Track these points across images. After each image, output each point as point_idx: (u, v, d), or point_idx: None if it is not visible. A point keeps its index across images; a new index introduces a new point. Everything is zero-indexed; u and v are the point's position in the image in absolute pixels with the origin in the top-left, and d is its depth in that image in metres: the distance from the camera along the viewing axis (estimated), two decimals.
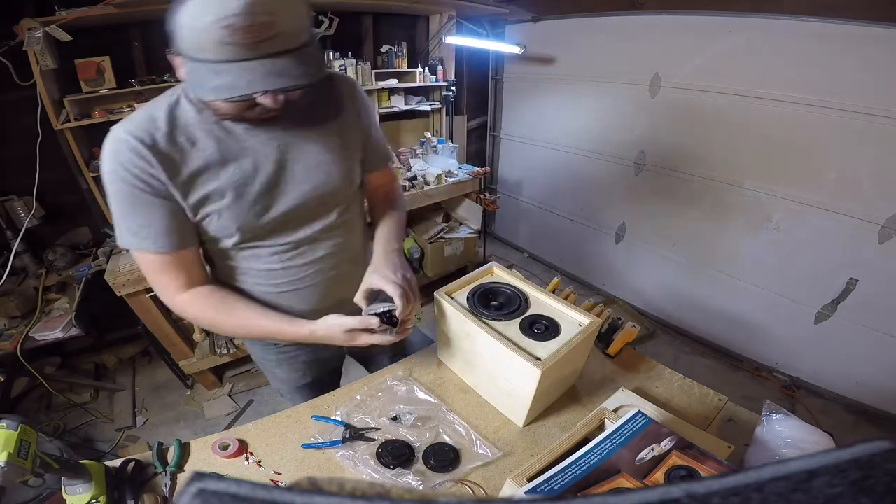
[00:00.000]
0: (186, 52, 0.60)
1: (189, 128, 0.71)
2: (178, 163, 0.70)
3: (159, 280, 0.78)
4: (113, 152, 0.70)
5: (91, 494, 0.73)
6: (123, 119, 0.72)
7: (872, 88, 1.67)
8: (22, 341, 1.63)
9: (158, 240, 0.72)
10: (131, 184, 0.69)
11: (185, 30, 0.57)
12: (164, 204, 0.71)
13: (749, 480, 0.14)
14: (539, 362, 0.76)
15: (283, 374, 1.07)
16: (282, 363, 1.05)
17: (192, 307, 0.80)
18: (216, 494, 0.13)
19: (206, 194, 0.73)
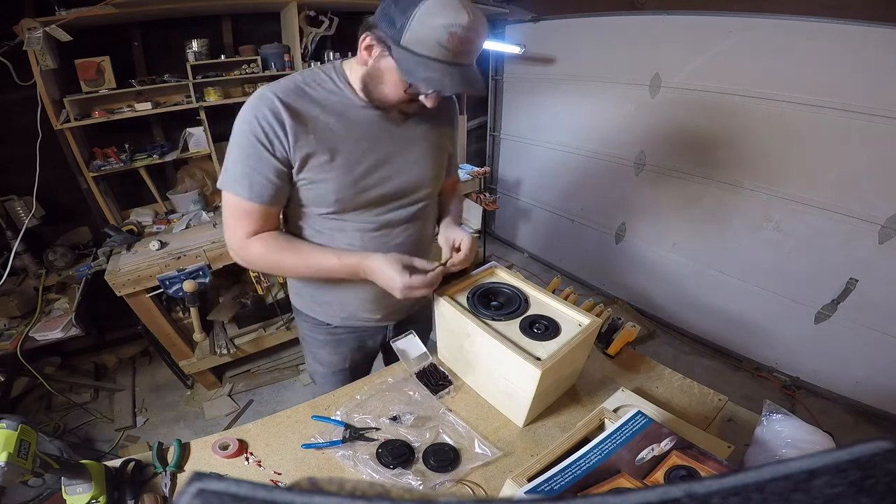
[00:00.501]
0: (405, 42, 0.70)
1: (325, 103, 0.82)
2: (306, 132, 0.80)
3: (237, 223, 0.85)
4: (254, 106, 0.79)
5: (91, 494, 0.73)
6: (276, 80, 0.82)
7: (872, 88, 1.67)
8: (22, 341, 1.63)
9: (256, 191, 0.81)
10: (257, 137, 0.78)
11: (416, 23, 0.68)
12: (275, 164, 0.80)
13: (749, 480, 0.14)
14: (539, 362, 0.76)
15: (326, 356, 1.12)
16: (327, 345, 1.10)
17: (258, 247, 0.85)
18: (216, 494, 0.13)
19: (321, 164, 0.82)
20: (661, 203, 2.51)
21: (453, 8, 0.67)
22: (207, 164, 2.26)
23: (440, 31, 0.67)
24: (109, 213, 2.06)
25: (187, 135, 2.10)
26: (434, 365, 1.04)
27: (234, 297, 2.29)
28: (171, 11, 1.88)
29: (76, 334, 1.72)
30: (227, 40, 2.18)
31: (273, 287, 2.21)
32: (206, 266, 1.87)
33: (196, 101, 2.01)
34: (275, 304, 2.23)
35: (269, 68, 2.16)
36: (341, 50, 2.40)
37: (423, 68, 0.70)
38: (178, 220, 2.13)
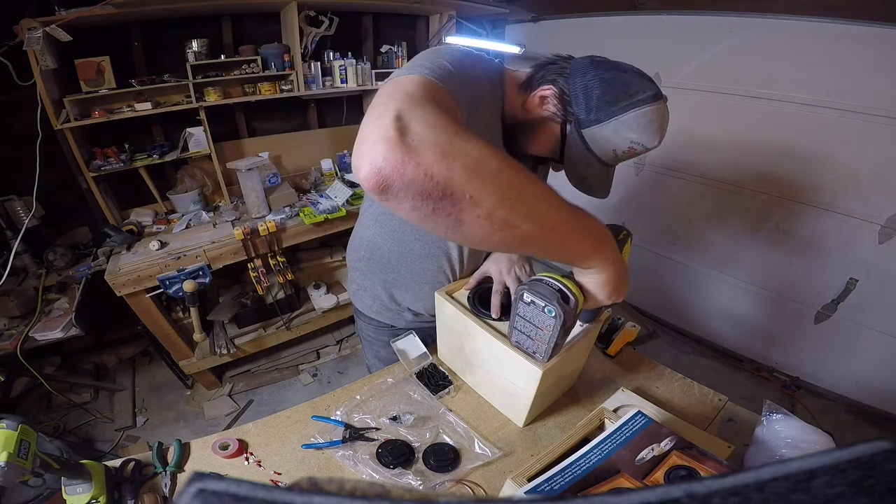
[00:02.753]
0: (586, 131, 0.66)
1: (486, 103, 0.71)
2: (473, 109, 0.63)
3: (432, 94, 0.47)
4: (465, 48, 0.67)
5: (91, 494, 0.73)
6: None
7: (872, 88, 1.67)
8: (22, 341, 1.63)
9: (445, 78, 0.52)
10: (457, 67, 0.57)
11: (611, 126, 0.64)
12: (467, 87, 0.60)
13: (749, 480, 0.14)
14: (539, 362, 0.76)
15: (388, 354, 1.10)
16: (389, 345, 1.07)
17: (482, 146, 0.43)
18: (216, 494, 0.13)
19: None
20: (661, 203, 2.51)
21: (654, 129, 0.65)
22: (207, 164, 2.26)
23: (625, 143, 0.64)
24: (109, 213, 2.06)
25: (187, 135, 2.10)
26: (434, 365, 1.04)
27: (234, 297, 2.29)
28: (171, 11, 1.88)
29: (76, 334, 1.72)
30: (227, 40, 2.18)
31: (273, 287, 2.21)
32: (206, 266, 1.87)
33: (196, 101, 2.01)
34: (275, 304, 2.23)
35: (269, 68, 2.16)
36: (341, 50, 2.40)
37: (583, 164, 0.68)
38: (178, 220, 2.13)
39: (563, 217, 0.48)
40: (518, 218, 0.42)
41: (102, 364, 2.31)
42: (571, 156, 0.69)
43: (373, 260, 1.02)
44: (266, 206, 2.16)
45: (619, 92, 0.64)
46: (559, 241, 0.49)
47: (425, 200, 0.39)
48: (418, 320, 1.09)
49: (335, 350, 2.51)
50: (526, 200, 0.43)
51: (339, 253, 2.56)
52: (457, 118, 0.47)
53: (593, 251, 0.53)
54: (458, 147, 0.40)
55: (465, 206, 0.39)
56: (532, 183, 0.45)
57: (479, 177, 0.39)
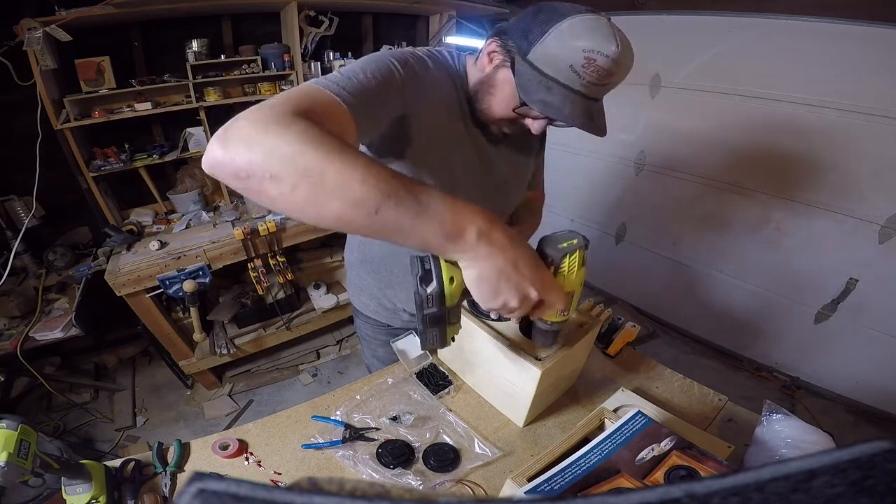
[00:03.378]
0: (533, 56, 0.62)
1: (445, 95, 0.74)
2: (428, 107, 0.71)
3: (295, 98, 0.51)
4: (412, 49, 0.71)
5: (91, 494, 0.73)
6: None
7: (872, 88, 1.67)
8: (22, 341, 1.63)
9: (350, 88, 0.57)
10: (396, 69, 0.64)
11: (551, 38, 0.60)
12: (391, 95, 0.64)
13: (749, 480, 0.14)
14: (539, 362, 0.76)
15: (386, 353, 1.11)
16: (387, 345, 1.07)
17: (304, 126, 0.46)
18: (216, 494, 0.13)
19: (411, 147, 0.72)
20: (661, 203, 2.51)
21: (603, 34, 0.60)
22: None
23: (577, 53, 0.59)
24: (109, 213, 2.06)
25: (187, 135, 2.10)
26: (434, 365, 1.04)
27: (234, 297, 2.29)
28: (171, 11, 1.88)
29: (76, 334, 1.72)
30: (227, 40, 2.18)
31: (273, 287, 2.21)
32: (206, 266, 1.87)
33: (196, 101, 2.02)
34: (275, 304, 2.23)
35: (269, 68, 2.17)
36: (341, 50, 2.40)
37: (543, 89, 0.63)
38: (178, 220, 2.13)
39: (385, 197, 0.44)
40: (322, 195, 0.44)
41: (102, 364, 2.31)
42: (525, 84, 0.64)
43: (366, 260, 1.02)
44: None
45: (549, 13, 0.62)
46: (388, 226, 0.45)
47: (238, 180, 0.46)
48: (415, 320, 1.08)
49: (335, 350, 2.51)
50: (330, 178, 0.44)
51: (338, 253, 2.56)
52: (305, 116, 0.48)
53: (446, 239, 0.47)
54: (265, 135, 0.45)
55: (268, 184, 0.44)
56: (344, 161, 0.44)
57: (276, 158, 0.44)
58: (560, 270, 0.57)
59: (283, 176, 0.44)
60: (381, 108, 0.62)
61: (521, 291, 0.51)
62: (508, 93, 0.69)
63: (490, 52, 0.70)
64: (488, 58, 0.70)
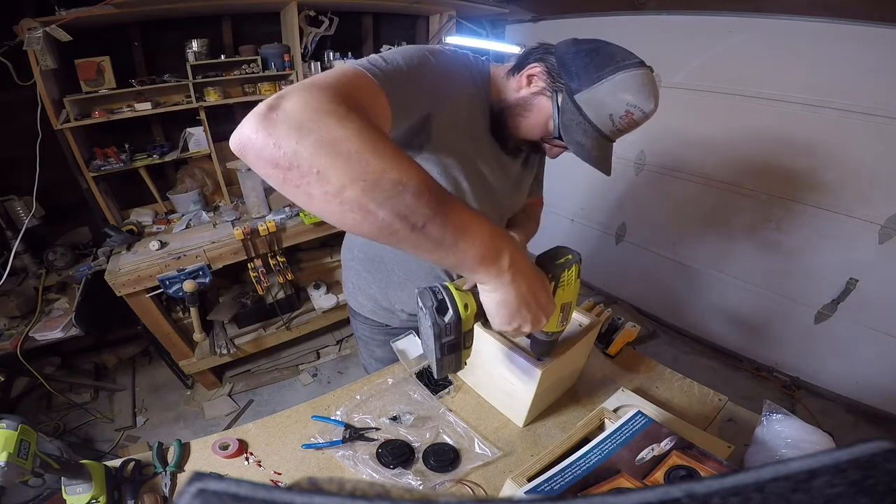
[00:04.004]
0: (579, 98, 0.65)
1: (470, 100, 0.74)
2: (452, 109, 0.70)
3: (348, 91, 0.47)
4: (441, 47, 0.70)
5: (91, 494, 0.73)
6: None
7: (872, 88, 1.67)
8: (22, 341, 1.63)
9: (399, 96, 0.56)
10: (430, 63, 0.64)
11: (604, 87, 0.64)
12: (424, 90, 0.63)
13: (749, 480, 0.14)
14: (539, 362, 0.76)
15: (383, 353, 1.12)
16: (385, 344, 1.08)
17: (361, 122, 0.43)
18: (216, 494, 0.13)
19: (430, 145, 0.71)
20: (661, 203, 2.51)
21: (648, 91, 0.65)
22: (207, 163, 2.26)
23: (621, 105, 0.64)
24: (109, 213, 2.06)
25: (187, 135, 2.10)
26: None
27: (234, 297, 2.29)
28: (171, 11, 1.88)
29: (76, 334, 1.72)
30: (227, 40, 2.18)
31: (273, 287, 2.21)
32: (206, 266, 1.87)
33: (196, 101, 2.02)
34: (275, 304, 2.23)
35: (269, 68, 2.17)
36: (341, 50, 2.40)
37: (580, 131, 0.66)
38: (178, 220, 2.13)
39: (434, 213, 0.42)
40: (372, 203, 0.41)
41: (102, 364, 2.31)
42: (567, 123, 0.68)
43: (367, 259, 1.02)
44: (266, 205, 2.16)
45: (605, 58, 0.65)
46: (429, 241, 0.44)
47: (276, 169, 0.41)
48: (413, 320, 1.08)
49: (335, 350, 2.51)
50: (385, 186, 0.40)
51: (339, 253, 2.54)
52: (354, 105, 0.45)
53: (480, 262, 0.47)
54: (319, 125, 0.40)
55: (312, 179, 0.40)
56: (401, 171, 0.41)
57: (330, 154, 0.40)
58: (560, 284, 0.60)
59: (331, 175, 0.40)
60: (415, 101, 0.61)
61: (536, 317, 0.53)
62: (542, 120, 0.72)
63: (530, 75, 0.71)
64: (527, 80, 0.71)
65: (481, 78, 0.76)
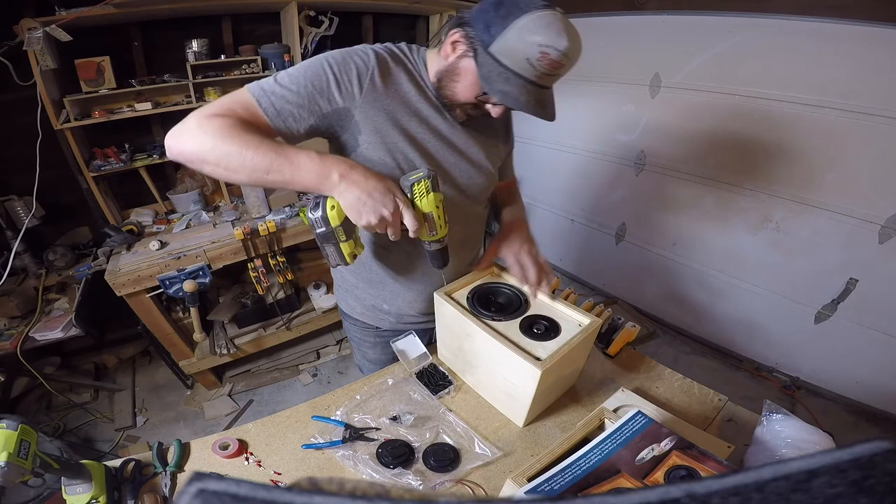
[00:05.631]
0: (494, 49, 0.69)
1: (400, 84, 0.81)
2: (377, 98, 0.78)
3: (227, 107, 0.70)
4: (351, 50, 0.78)
5: (91, 494, 0.73)
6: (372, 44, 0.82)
7: (872, 88, 1.67)
8: (22, 341, 1.64)
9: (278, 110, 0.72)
10: (334, 74, 0.74)
11: (511, 33, 0.67)
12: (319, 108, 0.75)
13: (749, 480, 0.14)
14: (539, 362, 0.76)
15: (376, 355, 1.15)
16: (377, 345, 1.13)
17: (223, 121, 0.68)
18: (216, 494, 0.13)
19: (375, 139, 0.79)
20: (661, 203, 2.51)
21: (556, 30, 0.67)
22: None
23: (533, 47, 0.66)
24: (109, 213, 2.06)
25: None
26: (434, 365, 1.04)
27: (234, 297, 2.29)
28: (171, 11, 1.88)
29: (76, 334, 1.72)
30: (227, 40, 2.18)
31: (273, 287, 2.21)
32: (206, 266, 1.87)
33: (196, 101, 2.01)
34: (275, 304, 2.23)
35: (269, 68, 2.17)
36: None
37: (502, 80, 0.70)
38: (178, 220, 2.13)
39: (269, 161, 0.66)
40: (232, 169, 0.67)
41: (102, 364, 2.31)
42: (486, 75, 0.71)
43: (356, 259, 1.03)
44: (266, 205, 2.16)
45: (509, 7, 0.68)
46: (277, 179, 0.68)
47: (187, 162, 0.69)
48: (401, 322, 1.08)
49: (335, 350, 2.51)
50: (234, 158, 0.66)
51: None
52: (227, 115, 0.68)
53: (318, 181, 0.68)
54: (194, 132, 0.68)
55: (206, 167, 0.68)
56: (241, 147, 0.66)
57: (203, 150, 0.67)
58: (413, 197, 0.73)
59: (209, 159, 0.67)
60: (308, 111, 0.73)
61: (377, 211, 0.69)
62: (471, 80, 0.75)
63: (453, 42, 0.75)
64: (451, 47, 0.75)
65: (410, 61, 0.83)
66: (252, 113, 0.71)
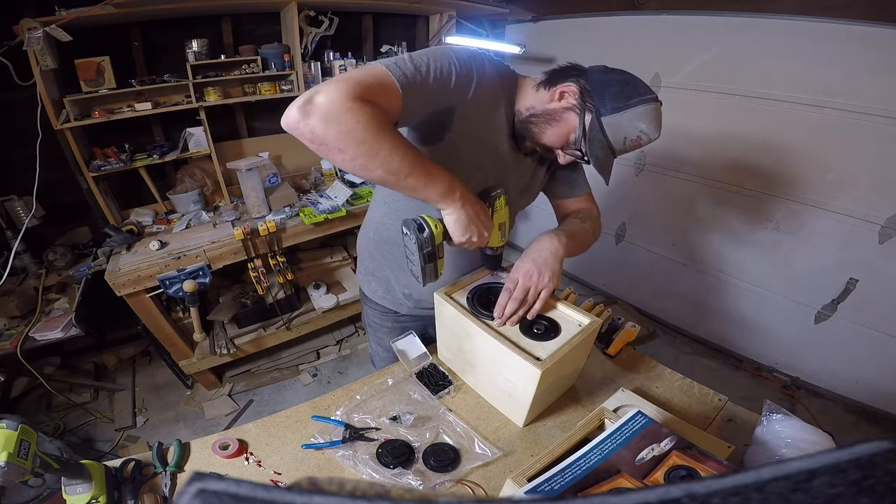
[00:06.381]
0: (605, 121, 0.77)
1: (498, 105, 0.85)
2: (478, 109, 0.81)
3: (367, 85, 0.65)
4: (476, 54, 0.80)
5: (91, 494, 0.73)
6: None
7: (872, 88, 1.67)
8: (22, 341, 1.63)
9: (412, 94, 0.70)
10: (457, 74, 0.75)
11: (626, 114, 0.76)
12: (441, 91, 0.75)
13: (749, 480, 0.14)
14: (539, 362, 0.76)
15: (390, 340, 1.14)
16: (393, 331, 1.14)
17: (372, 111, 0.64)
18: (216, 494, 0.13)
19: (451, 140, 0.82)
20: (661, 203, 2.51)
21: (657, 124, 0.78)
22: (207, 163, 2.26)
23: (635, 131, 0.77)
24: (109, 213, 2.06)
25: (187, 135, 2.10)
26: (434, 365, 1.04)
27: (234, 297, 2.29)
28: (171, 11, 1.88)
29: (76, 334, 1.72)
30: (227, 40, 2.18)
31: (273, 287, 2.21)
32: (206, 266, 1.87)
33: (196, 101, 2.01)
34: (275, 304, 2.23)
35: (269, 68, 2.16)
36: (341, 50, 2.40)
37: (599, 147, 0.78)
38: (178, 220, 2.13)
39: (410, 168, 0.68)
40: (372, 166, 0.66)
41: (102, 364, 2.31)
42: (592, 139, 0.79)
43: (381, 241, 1.05)
44: (266, 206, 2.16)
45: (632, 90, 0.78)
46: (410, 184, 0.70)
47: (311, 143, 0.64)
48: (419, 307, 1.10)
49: (335, 350, 2.51)
50: (378, 157, 0.65)
51: (339, 253, 2.56)
52: (369, 101, 0.64)
53: (441, 195, 0.73)
54: (339, 118, 0.62)
55: (335, 153, 0.64)
56: (390, 148, 0.65)
57: (345, 138, 0.63)
58: (494, 209, 0.83)
59: (347, 151, 0.64)
60: (429, 99, 0.74)
61: (480, 231, 0.77)
62: (565, 132, 0.82)
63: (563, 92, 0.81)
64: (560, 95, 0.81)
65: (509, 84, 0.87)
66: (393, 97, 0.68)
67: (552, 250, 0.89)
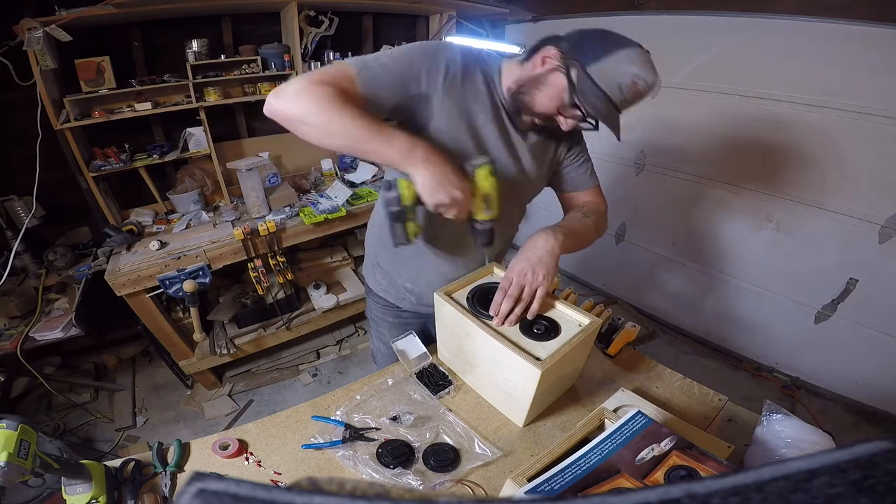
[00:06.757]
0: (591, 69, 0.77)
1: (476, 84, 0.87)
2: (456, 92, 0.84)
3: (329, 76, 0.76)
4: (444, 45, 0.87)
5: (91, 494, 0.73)
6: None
7: (872, 88, 1.67)
8: (22, 341, 1.63)
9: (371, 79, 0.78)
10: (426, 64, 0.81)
11: (611, 60, 0.76)
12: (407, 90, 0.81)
13: (749, 480, 0.14)
14: (539, 362, 0.76)
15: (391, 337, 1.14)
16: (395, 327, 1.16)
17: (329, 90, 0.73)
18: (216, 494, 0.13)
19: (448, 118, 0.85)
20: (661, 203, 2.51)
21: (649, 67, 0.78)
22: (207, 163, 2.26)
23: (627, 76, 0.76)
24: (109, 213, 2.06)
25: (187, 135, 2.10)
26: (434, 365, 1.04)
27: (234, 297, 2.29)
28: (171, 11, 1.88)
29: (76, 334, 1.72)
30: (227, 40, 2.18)
31: (273, 287, 2.21)
32: (206, 266, 1.87)
33: (196, 101, 2.01)
34: (275, 304, 2.23)
35: (269, 68, 2.17)
36: (341, 50, 2.40)
37: (595, 97, 0.77)
38: (178, 220, 2.13)
39: (367, 134, 0.73)
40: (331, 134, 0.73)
41: (102, 364, 2.31)
42: (584, 91, 0.77)
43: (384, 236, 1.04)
44: (266, 206, 2.16)
45: (613, 40, 0.78)
46: (371, 149, 0.74)
47: (285, 122, 0.76)
48: (421, 303, 1.11)
49: (335, 350, 2.51)
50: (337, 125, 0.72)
51: (339, 253, 2.56)
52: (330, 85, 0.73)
53: (402, 158, 0.75)
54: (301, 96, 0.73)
55: (301, 125, 0.74)
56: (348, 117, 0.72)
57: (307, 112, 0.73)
58: (474, 179, 0.80)
59: (310, 122, 0.73)
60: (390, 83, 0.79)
61: (450, 193, 0.75)
62: (556, 93, 0.81)
63: (545, 57, 0.82)
64: (542, 61, 0.82)
65: (492, 70, 0.89)
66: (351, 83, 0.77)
67: (547, 248, 0.88)
